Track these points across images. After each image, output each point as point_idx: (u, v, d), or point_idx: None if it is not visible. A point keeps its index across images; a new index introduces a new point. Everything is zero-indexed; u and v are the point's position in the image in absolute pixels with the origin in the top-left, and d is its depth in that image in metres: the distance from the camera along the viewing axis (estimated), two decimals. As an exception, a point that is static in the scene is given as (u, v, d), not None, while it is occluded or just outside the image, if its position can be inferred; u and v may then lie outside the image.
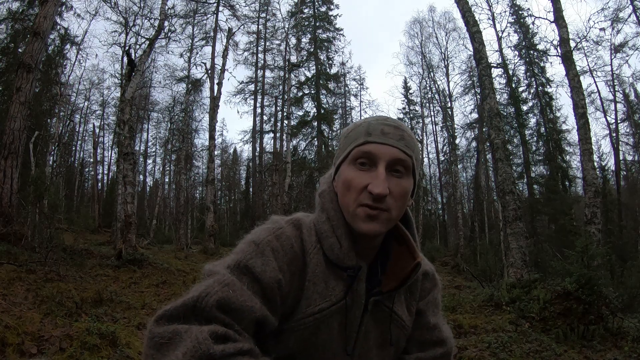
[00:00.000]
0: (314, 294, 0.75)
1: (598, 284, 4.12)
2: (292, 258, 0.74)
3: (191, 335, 0.56)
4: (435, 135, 23.72)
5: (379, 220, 0.73)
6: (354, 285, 0.77)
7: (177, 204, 18.80)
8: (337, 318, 0.76)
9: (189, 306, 0.61)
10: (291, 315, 0.74)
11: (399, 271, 0.80)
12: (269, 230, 0.76)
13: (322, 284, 0.75)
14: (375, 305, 0.80)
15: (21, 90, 6.65)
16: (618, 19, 13.29)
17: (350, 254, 0.76)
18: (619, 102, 16.49)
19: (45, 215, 6.32)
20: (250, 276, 0.68)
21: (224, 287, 0.64)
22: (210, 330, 0.57)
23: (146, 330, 0.61)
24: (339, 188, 0.79)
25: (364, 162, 0.75)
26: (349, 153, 0.77)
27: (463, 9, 8.03)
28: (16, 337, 2.78)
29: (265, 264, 0.69)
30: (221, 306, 0.62)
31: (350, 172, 0.76)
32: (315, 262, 0.76)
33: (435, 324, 0.89)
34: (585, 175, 7.51)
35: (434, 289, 0.91)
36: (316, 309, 0.74)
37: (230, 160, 33.19)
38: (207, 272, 0.70)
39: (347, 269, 0.76)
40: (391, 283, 0.80)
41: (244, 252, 0.71)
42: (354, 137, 0.78)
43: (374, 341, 0.81)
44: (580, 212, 11.86)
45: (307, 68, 20.87)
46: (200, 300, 0.61)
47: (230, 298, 0.63)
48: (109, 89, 23.29)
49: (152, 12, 14.86)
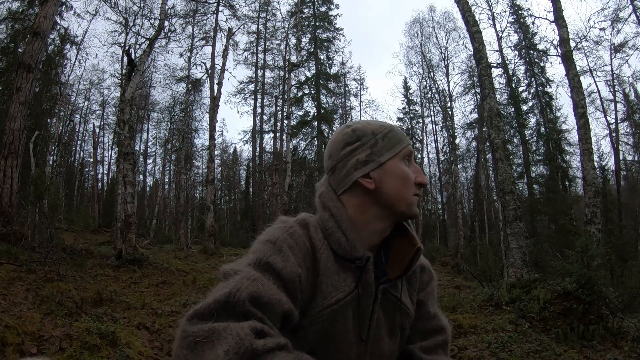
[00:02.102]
0: (328, 287, 0.78)
1: (598, 284, 4.12)
2: (306, 254, 0.77)
3: (231, 332, 0.55)
4: (435, 135, 23.71)
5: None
6: (363, 276, 0.81)
7: (177, 204, 18.79)
8: (351, 307, 0.79)
9: (221, 302, 0.61)
10: (308, 310, 0.76)
11: (402, 259, 0.85)
12: (282, 229, 0.78)
13: (334, 276, 0.79)
14: (384, 293, 0.84)
15: (21, 90, 6.65)
16: (618, 19, 13.29)
17: (357, 246, 0.80)
18: (619, 102, 16.50)
19: (45, 215, 6.31)
20: (273, 272, 0.70)
21: (253, 281, 0.65)
22: (250, 326, 0.57)
23: (178, 330, 0.59)
24: (391, 182, 0.84)
25: (409, 160, 0.87)
26: (398, 152, 0.86)
27: (463, 8, 8.03)
28: (16, 337, 2.78)
29: (285, 259, 0.72)
30: (253, 300, 0.62)
31: (405, 168, 0.86)
32: (326, 257, 0.79)
33: (435, 313, 0.95)
34: (585, 175, 7.51)
35: (431, 282, 0.98)
36: (333, 300, 0.77)
37: (230, 160, 33.17)
38: (230, 271, 0.70)
39: (356, 260, 0.80)
40: (396, 271, 0.85)
41: (261, 250, 0.73)
42: (399, 138, 0.87)
43: (385, 328, 0.85)
44: (580, 212, 11.85)
45: (307, 68, 20.91)
46: (232, 295, 0.61)
47: (260, 292, 0.64)
48: (109, 89, 23.32)
49: (152, 12, 14.83)
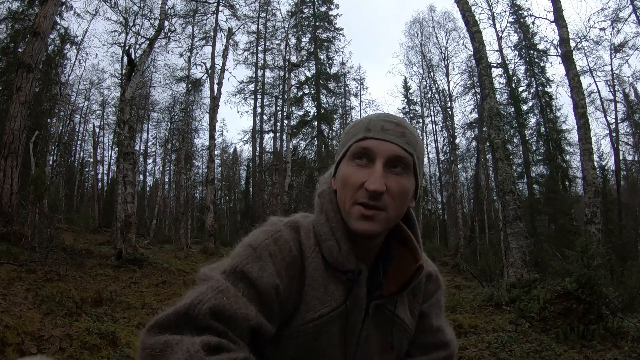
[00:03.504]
0: (313, 300, 0.72)
1: (598, 284, 4.12)
2: (290, 262, 0.72)
3: (183, 347, 0.54)
4: (435, 135, 23.77)
5: (374, 220, 0.70)
6: (354, 289, 0.74)
7: (177, 204, 18.80)
8: (337, 323, 0.73)
9: (181, 314, 0.59)
10: (290, 321, 0.72)
11: (401, 273, 0.77)
12: (266, 233, 0.73)
13: (321, 288, 0.73)
14: (377, 308, 0.77)
15: (21, 90, 6.65)
16: (618, 19, 13.29)
17: (349, 257, 0.73)
18: (619, 102, 16.51)
19: (45, 215, 6.32)
20: (247, 282, 0.66)
21: (218, 294, 0.62)
22: (202, 341, 0.55)
23: (138, 340, 0.58)
24: (337, 186, 0.77)
25: (362, 158, 0.72)
26: (348, 149, 0.75)
27: (463, 8, 8.03)
28: (16, 337, 2.78)
29: (262, 269, 0.67)
30: (214, 314, 0.60)
31: (347, 169, 0.74)
32: (314, 266, 0.73)
33: (439, 326, 0.87)
34: (585, 175, 7.51)
35: (437, 291, 0.89)
36: (316, 315, 0.72)
37: (230, 160, 33.17)
38: (202, 276, 0.68)
39: (347, 272, 0.73)
40: (392, 286, 0.77)
41: (240, 256, 0.69)
42: (354, 133, 0.75)
43: (375, 345, 0.78)
44: (580, 212, 11.86)
45: (307, 68, 20.88)
46: (193, 307, 0.59)
47: (224, 305, 0.61)
48: (109, 89, 23.25)
49: (152, 12, 14.80)
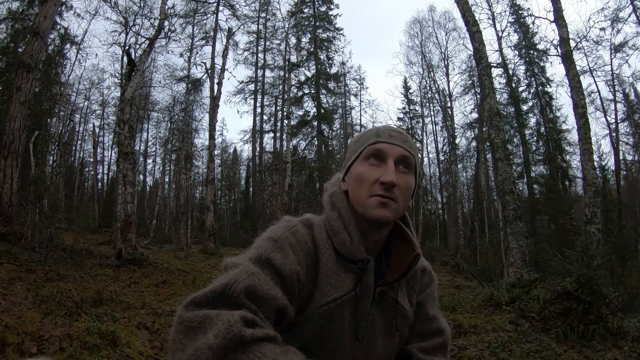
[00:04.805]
0: (327, 286, 0.80)
1: (598, 284, 4.12)
2: (307, 253, 0.80)
3: (222, 318, 0.57)
4: (435, 135, 23.75)
5: (389, 208, 0.81)
6: (363, 277, 0.83)
7: (177, 204, 18.80)
8: (348, 307, 0.82)
9: (217, 292, 0.63)
10: (306, 307, 0.79)
11: (401, 264, 0.87)
12: (285, 228, 0.81)
13: (334, 276, 0.81)
14: (381, 295, 0.86)
15: (21, 90, 6.65)
16: (618, 19, 13.28)
17: (360, 248, 0.83)
18: (619, 102, 16.52)
19: (45, 215, 6.32)
20: (272, 268, 0.72)
21: (250, 275, 0.67)
22: (240, 314, 0.59)
23: (175, 316, 0.62)
24: (351, 184, 0.87)
25: (375, 158, 0.84)
26: (361, 152, 0.86)
27: (463, 8, 8.03)
28: (16, 337, 2.78)
29: (285, 257, 0.74)
30: (248, 293, 0.64)
31: (362, 168, 0.85)
32: (327, 257, 0.82)
33: (434, 315, 0.96)
34: (585, 175, 7.51)
35: (431, 284, 0.99)
36: (330, 299, 0.80)
37: (230, 160, 33.17)
38: (230, 264, 0.73)
39: (357, 261, 0.83)
40: (394, 274, 0.87)
41: (263, 247, 0.76)
42: (365, 139, 0.87)
43: (380, 330, 0.87)
44: (580, 212, 11.85)
45: (307, 68, 20.83)
46: (229, 287, 0.64)
47: (256, 286, 0.66)
48: (109, 89, 23.32)
49: (152, 11, 14.81)
